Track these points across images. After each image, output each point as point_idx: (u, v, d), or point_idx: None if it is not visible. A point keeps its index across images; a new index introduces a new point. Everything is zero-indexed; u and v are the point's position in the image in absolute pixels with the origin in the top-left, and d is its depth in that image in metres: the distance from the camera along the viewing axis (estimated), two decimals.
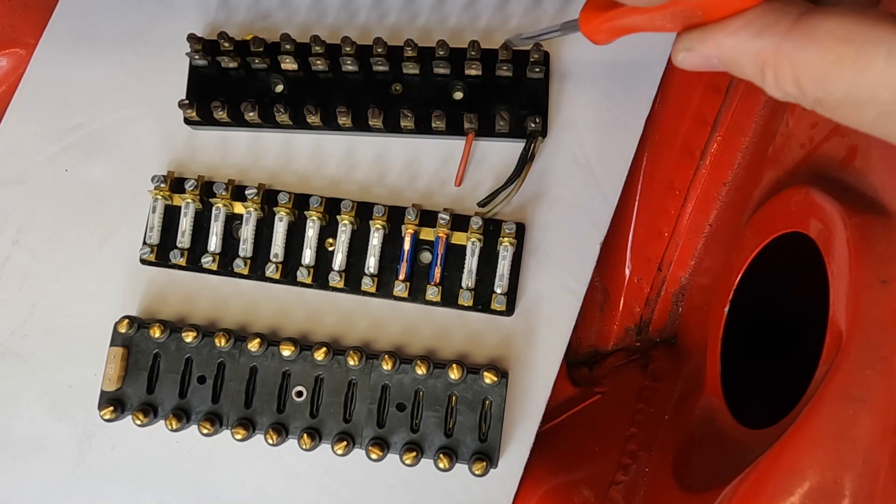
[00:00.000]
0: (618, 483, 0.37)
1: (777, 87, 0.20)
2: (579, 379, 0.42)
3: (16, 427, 0.40)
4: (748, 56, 0.21)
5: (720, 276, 0.37)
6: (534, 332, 0.38)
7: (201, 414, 0.37)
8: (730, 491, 0.27)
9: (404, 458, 0.35)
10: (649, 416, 0.39)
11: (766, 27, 0.20)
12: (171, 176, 0.40)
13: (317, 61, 0.39)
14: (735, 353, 0.36)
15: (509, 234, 0.37)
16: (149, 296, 0.40)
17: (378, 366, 0.36)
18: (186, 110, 0.40)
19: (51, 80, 0.43)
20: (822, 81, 0.19)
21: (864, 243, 0.26)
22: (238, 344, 0.37)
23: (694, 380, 0.38)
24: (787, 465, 0.25)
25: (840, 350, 0.25)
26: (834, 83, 0.19)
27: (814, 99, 0.20)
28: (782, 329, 0.40)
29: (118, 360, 0.37)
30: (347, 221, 0.38)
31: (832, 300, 0.27)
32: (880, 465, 0.23)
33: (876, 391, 0.24)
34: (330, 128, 0.40)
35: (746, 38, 0.20)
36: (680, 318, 0.42)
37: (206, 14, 0.43)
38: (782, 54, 0.20)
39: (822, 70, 0.19)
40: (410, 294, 0.38)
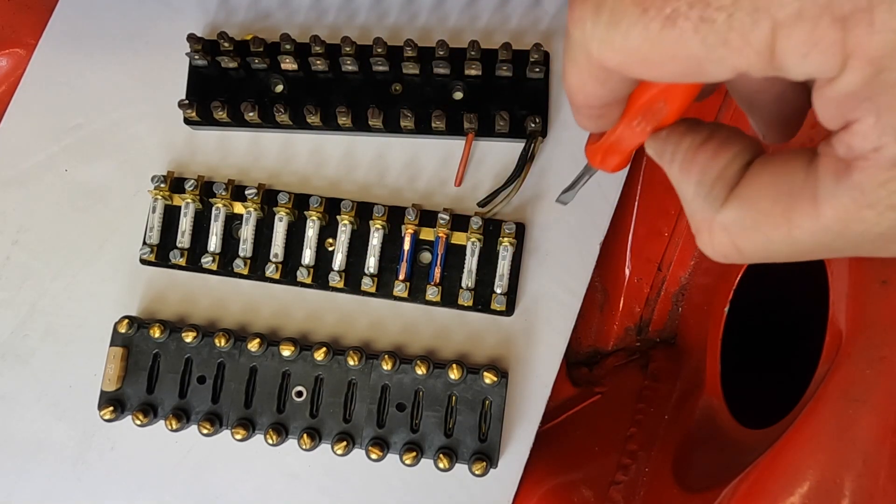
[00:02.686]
0: (618, 483, 0.37)
1: (713, 251, 0.20)
2: (579, 379, 0.42)
3: (16, 427, 0.40)
4: (689, 206, 0.20)
5: (720, 276, 0.37)
6: (534, 332, 0.38)
7: (201, 414, 0.37)
8: (730, 491, 0.27)
9: (404, 458, 0.35)
10: (649, 416, 0.39)
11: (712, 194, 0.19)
12: (171, 176, 0.40)
13: (317, 61, 0.39)
14: (735, 353, 0.36)
15: (509, 234, 0.37)
16: (149, 296, 0.40)
17: (378, 366, 0.36)
18: (186, 110, 0.40)
19: (51, 80, 0.43)
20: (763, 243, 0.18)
21: None
22: (238, 344, 0.37)
23: (694, 380, 0.38)
24: (787, 465, 0.25)
25: (840, 350, 0.25)
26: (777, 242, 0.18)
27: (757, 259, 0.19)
28: (782, 329, 0.40)
29: (118, 360, 0.37)
30: (347, 221, 0.38)
31: (832, 300, 0.27)
32: (880, 465, 0.23)
33: (876, 391, 0.24)
34: (330, 128, 0.40)
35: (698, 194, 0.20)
36: (680, 318, 0.42)
37: (205, 14, 0.43)
38: (716, 224, 0.19)
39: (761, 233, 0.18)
40: (410, 294, 0.38)
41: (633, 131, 0.22)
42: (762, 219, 0.18)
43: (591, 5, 0.17)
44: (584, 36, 0.17)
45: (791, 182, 0.18)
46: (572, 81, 0.19)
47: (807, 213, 0.17)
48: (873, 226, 0.16)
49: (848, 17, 0.14)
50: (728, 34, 0.15)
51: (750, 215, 0.18)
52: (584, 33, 0.17)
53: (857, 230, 0.17)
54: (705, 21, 0.15)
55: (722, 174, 0.19)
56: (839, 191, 0.16)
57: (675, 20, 0.15)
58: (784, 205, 0.17)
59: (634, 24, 0.16)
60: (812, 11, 0.14)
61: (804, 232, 0.17)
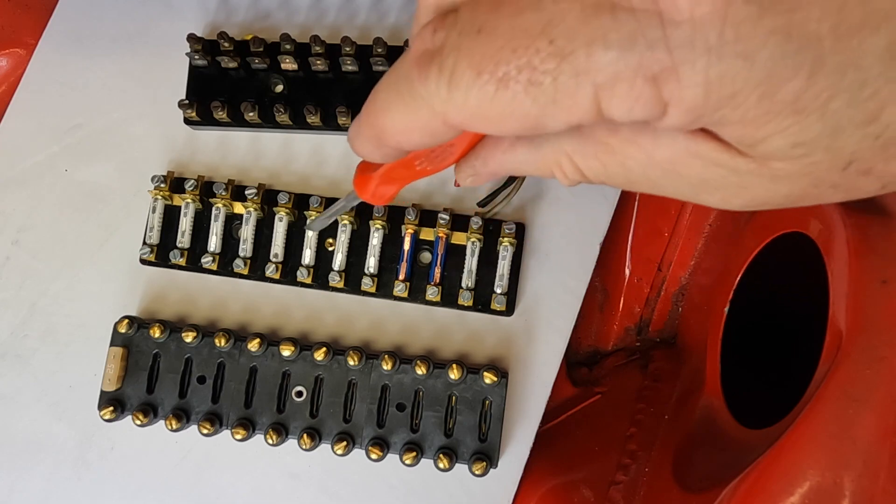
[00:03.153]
0: (618, 483, 0.37)
1: (567, 179, 0.21)
2: (579, 379, 0.42)
3: (16, 427, 0.40)
4: (532, 165, 0.22)
5: (720, 276, 0.37)
6: (534, 332, 0.38)
7: (201, 414, 0.37)
8: (730, 491, 0.27)
9: (404, 458, 0.35)
10: (649, 416, 0.39)
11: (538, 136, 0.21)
12: (170, 176, 0.40)
13: (317, 61, 0.39)
14: (735, 353, 0.36)
15: (509, 234, 0.37)
16: (149, 296, 0.40)
17: (378, 366, 0.36)
18: (186, 110, 0.40)
19: (51, 80, 0.43)
20: (601, 169, 0.20)
21: (864, 243, 0.26)
22: (238, 344, 0.37)
23: (694, 380, 0.38)
24: (787, 465, 0.25)
25: (840, 350, 0.25)
26: (612, 169, 0.20)
27: (600, 182, 0.21)
28: (782, 329, 0.40)
29: (118, 360, 0.37)
30: (347, 221, 0.38)
31: (832, 300, 0.27)
32: (880, 465, 0.23)
33: (876, 391, 0.24)
34: (330, 128, 0.40)
35: (525, 152, 0.22)
36: (680, 318, 0.42)
37: (205, 14, 0.43)
38: (561, 154, 0.21)
39: (598, 160, 0.20)
40: (410, 294, 0.38)
41: (411, 170, 0.23)
42: (599, 147, 0.20)
43: (436, 65, 0.18)
44: (428, 92, 0.18)
45: None
46: (397, 127, 0.20)
47: (642, 146, 0.19)
48: (698, 172, 0.18)
49: (658, 76, 0.15)
50: (556, 95, 0.16)
51: (590, 142, 0.20)
52: (428, 90, 0.18)
53: (683, 171, 0.18)
54: (534, 84, 0.16)
55: None
56: (681, 139, 0.18)
57: (507, 83, 0.16)
58: (620, 137, 0.19)
59: (471, 86, 0.17)
60: (627, 73, 0.15)
61: (637, 163, 0.19)
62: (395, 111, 0.20)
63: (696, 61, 0.15)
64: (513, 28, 0.16)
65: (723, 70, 0.15)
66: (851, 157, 0.16)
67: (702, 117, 0.16)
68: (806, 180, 0.17)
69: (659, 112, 0.16)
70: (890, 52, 0.14)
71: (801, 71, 0.14)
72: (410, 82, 0.18)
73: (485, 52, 0.17)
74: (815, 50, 0.14)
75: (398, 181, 0.24)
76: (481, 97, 0.17)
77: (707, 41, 0.15)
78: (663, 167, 0.19)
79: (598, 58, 0.15)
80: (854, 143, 0.16)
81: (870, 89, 0.15)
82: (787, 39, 0.14)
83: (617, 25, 0.15)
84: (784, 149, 0.16)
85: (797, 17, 0.14)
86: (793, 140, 0.16)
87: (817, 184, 0.17)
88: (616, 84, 0.16)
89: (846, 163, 0.16)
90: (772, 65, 0.14)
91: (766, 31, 0.14)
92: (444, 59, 0.17)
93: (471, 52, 0.17)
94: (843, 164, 0.16)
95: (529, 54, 0.16)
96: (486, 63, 0.17)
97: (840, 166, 0.16)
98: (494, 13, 0.17)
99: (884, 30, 0.14)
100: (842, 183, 0.17)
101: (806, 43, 0.14)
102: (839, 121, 0.15)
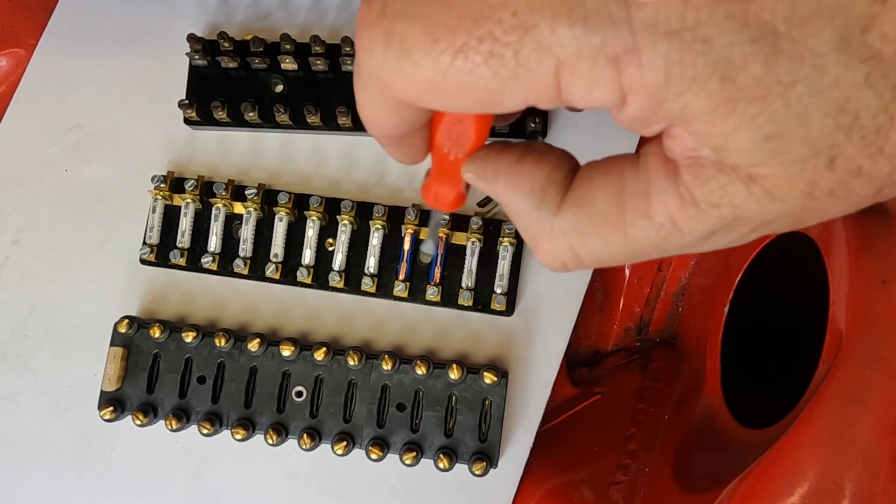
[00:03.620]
0: (618, 483, 0.37)
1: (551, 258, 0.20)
2: (579, 379, 0.42)
3: (16, 427, 0.40)
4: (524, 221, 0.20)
5: (720, 276, 0.37)
6: (534, 332, 0.38)
7: (201, 414, 0.37)
8: (730, 491, 0.27)
9: (404, 458, 0.35)
10: (649, 416, 0.39)
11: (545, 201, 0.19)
12: (170, 176, 0.40)
13: (317, 61, 0.39)
14: (735, 353, 0.36)
15: (509, 234, 0.37)
16: (149, 296, 0.40)
17: (378, 366, 0.36)
18: (186, 110, 0.40)
19: (51, 80, 0.43)
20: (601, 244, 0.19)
21: (864, 243, 0.26)
22: (238, 344, 0.37)
23: (694, 380, 0.38)
24: (787, 465, 0.25)
25: (840, 350, 0.25)
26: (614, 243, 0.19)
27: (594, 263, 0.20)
28: (782, 329, 0.40)
29: (118, 360, 0.37)
30: (347, 221, 0.38)
31: (832, 300, 0.27)
32: (880, 465, 0.23)
33: (876, 391, 0.24)
34: (330, 128, 0.40)
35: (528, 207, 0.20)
36: (680, 318, 0.42)
37: (206, 14, 0.43)
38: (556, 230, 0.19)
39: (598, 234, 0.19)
40: (410, 294, 0.38)
41: (448, 160, 0.22)
42: (599, 220, 0.19)
43: (381, 33, 0.17)
44: (374, 64, 0.17)
45: (622, 182, 0.18)
46: (365, 110, 0.19)
47: (640, 210, 0.18)
48: (699, 223, 0.17)
49: (620, 58, 0.15)
50: (517, 69, 0.16)
51: (587, 218, 0.19)
52: (374, 61, 0.17)
53: (685, 227, 0.18)
54: (495, 55, 0.16)
55: (550, 179, 0.20)
56: (669, 187, 0.17)
57: (467, 53, 0.16)
58: (618, 205, 0.18)
59: (425, 55, 0.16)
60: (589, 52, 0.15)
61: (638, 230, 0.18)
62: (358, 97, 0.19)
63: (657, 44, 0.15)
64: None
65: (683, 54, 0.15)
66: (833, 151, 0.16)
67: (662, 104, 0.16)
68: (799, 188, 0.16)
69: (618, 99, 0.16)
70: (844, 41, 0.14)
71: (758, 57, 0.15)
72: (358, 56, 0.18)
73: (441, 19, 0.16)
74: (770, 37, 0.14)
75: (449, 179, 0.23)
76: (435, 68, 0.16)
77: (669, 24, 0.15)
78: (667, 228, 0.18)
79: (562, 33, 0.15)
80: (830, 135, 0.15)
81: (830, 76, 0.15)
82: (743, 26, 0.14)
83: (583, 2, 0.15)
84: (758, 143, 0.16)
85: (753, 5, 0.14)
86: (762, 132, 0.15)
87: (812, 192, 0.16)
88: (578, 62, 0.15)
89: (829, 158, 0.16)
90: (729, 50, 0.15)
91: (723, 17, 0.14)
92: (391, 27, 0.17)
93: (425, 19, 0.16)
94: (827, 158, 0.16)
95: (491, 25, 0.16)
96: (443, 31, 0.16)
97: (824, 162, 0.16)
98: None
99: (837, 19, 0.14)
100: (837, 188, 0.16)
101: (761, 30, 0.14)
102: (805, 108, 0.15)
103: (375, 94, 0.18)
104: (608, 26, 0.15)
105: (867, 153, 0.16)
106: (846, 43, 0.14)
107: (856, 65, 0.15)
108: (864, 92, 0.15)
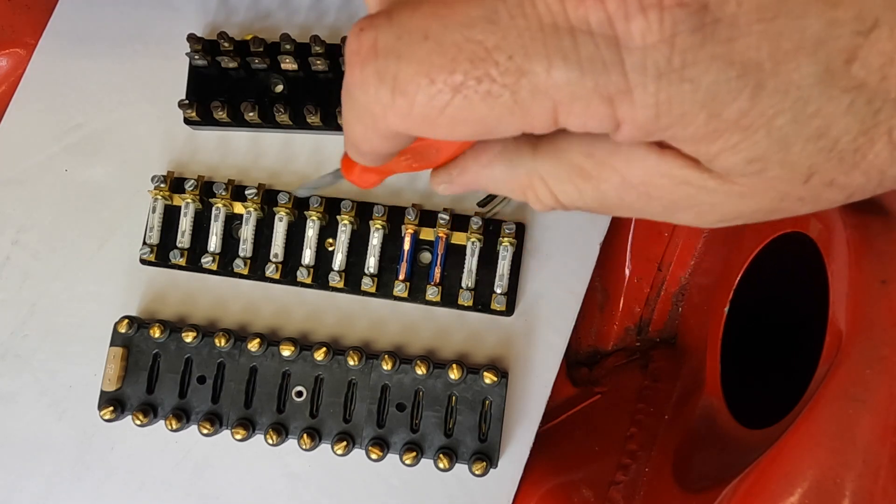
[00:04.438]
0: (618, 483, 0.37)
1: (540, 204, 0.21)
2: (579, 379, 0.42)
3: (16, 427, 0.40)
4: (506, 184, 0.22)
5: (720, 276, 0.37)
6: (534, 332, 0.38)
7: (201, 414, 0.37)
8: (730, 491, 0.27)
9: (404, 458, 0.35)
10: (649, 416, 0.39)
11: (515, 156, 0.21)
12: (170, 176, 0.40)
13: (317, 61, 0.39)
14: (735, 353, 0.36)
15: (509, 234, 0.37)
16: (149, 296, 0.40)
17: (378, 366, 0.36)
18: (186, 110, 0.40)
19: (51, 80, 0.43)
20: (576, 194, 0.20)
21: (864, 243, 0.26)
22: (238, 344, 0.37)
23: (694, 380, 0.38)
24: (787, 465, 0.25)
25: (840, 350, 0.25)
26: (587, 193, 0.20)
27: (575, 208, 0.21)
28: (782, 329, 0.40)
29: (118, 360, 0.37)
30: (347, 221, 0.38)
31: (832, 300, 0.27)
32: (880, 465, 0.23)
33: (876, 391, 0.24)
34: (330, 128, 0.40)
35: (501, 170, 0.21)
36: (680, 318, 0.42)
37: (206, 14, 0.43)
38: (535, 177, 0.21)
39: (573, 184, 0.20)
40: (410, 294, 0.38)
41: (399, 164, 0.23)
42: (574, 170, 0.20)
43: (373, 71, 0.17)
44: (367, 99, 0.18)
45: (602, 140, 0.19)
46: (356, 135, 0.20)
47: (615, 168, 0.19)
48: (668, 193, 0.19)
49: (613, 97, 0.16)
50: (513, 107, 0.16)
51: (563, 166, 0.20)
52: (367, 96, 0.18)
53: (654, 194, 0.19)
54: (492, 95, 0.16)
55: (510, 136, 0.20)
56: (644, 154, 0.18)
57: (465, 92, 0.16)
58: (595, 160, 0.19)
59: (422, 93, 0.17)
60: (583, 93, 0.16)
61: (611, 186, 0.19)
62: (349, 123, 0.19)
63: (647, 85, 0.15)
64: (466, 38, 0.16)
65: (671, 93, 0.16)
66: (810, 171, 0.17)
67: (653, 133, 0.17)
68: (771, 194, 0.17)
69: (612, 127, 0.17)
70: (828, 73, 0.15)
71: (743, 92, 0.15)
72: (350, 88, 0.18)
73: (436, 60, 0.16)
74: (755, 74, 0.15)
75: (384, 170, 0.24)
76: (433, 104, 0.17)
77: (658, 67, 0.15)
78: (637, 189, 0.19)
79: (558, 78, 0.16)
80: (809, 158, 0.16)
81: (813, 107, 0.15)
82: (728, 65, 0.15)
83: (577, 47, 0.16)
84: (740, 165, 0.17)
85: (737, 45, 0.15)
86: (745, 156, 0.16)
87: (783, 198, 0.18)
88: (573, 102, 0.16)
89: (806, 176, 0.17)
90: (716, 88, 0.15)
91: (708, 58, 0.15)
92: (384, 66, 0.17)
93: (420, 58, 0.16)
94: (803, 177, 0.17)
95: (487, 66, 0.16)
96: (439, 71, 0.16)
97: (800, 180, 0.17)
98: (440, 21, 0.16)
99: (820, 54, 0.15)
100: (807, 195, 0.17)
101: (746, 68, 0.15)
102: (786, 136, 0.16)
103: (369, 126, 0.19)
104: (601, 70, 0.16)
105: (842, 170, 0.17)
106: (830, 75, 0.15)
107: (838, 95, 0.15)
108: (845, 119, 0.16)
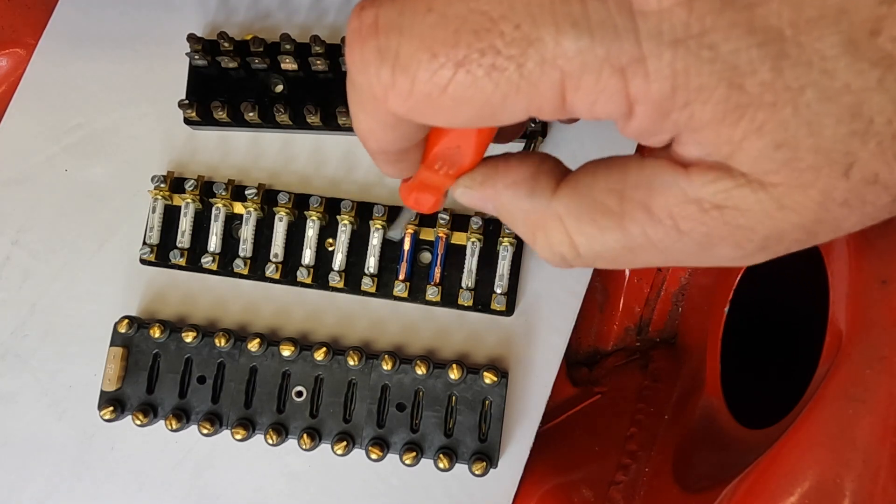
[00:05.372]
0: (618, 483, 0.37)
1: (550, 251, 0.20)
2: (579, 379, 0.42)
3: (16, 427, 0.40)
4: (521, 216, 0.20)
5: (720, 276, 0.37)
6: (534, 332, 0.38)
7: (201, 414, 0.37)
8: (730, 491, 0.27)
9: (404, 458, 0.35)
10: (649, 416, 0.39)
11: (538, 189, 0.19)
12: (170, 176, 0.40)
13: (317, 61, 0.39)
14: (735, 353, 0.36)
15: (509, 234, 0.37)
16: (149, 296, 0.40)
17: (378, 366, 0.36)
18: (186, 110, 0.40)
19: (51, 81, 0.43)
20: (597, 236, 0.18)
21: (864, 243, 0.26)
22: (238, 344, 0.37)
23: (694, 380, 0.38)
24: (787, 465, 0.25)
25: (840, 350, 0.25)
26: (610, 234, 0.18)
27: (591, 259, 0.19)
28: (782, 329, 0.40)
29: (118, 360, 0.37)
30: (347, 221, 0.38)
31: (832, 300, 0.27)
32: (880, 465, 0.23)
33: (876, 391, 0.24)
34: (330, 128, 0.40)
35: (522, 196, 0.20)
36: (680, 318, 0.42)
37: (206, 14, 0.43)
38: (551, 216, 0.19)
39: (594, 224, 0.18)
40: (410, 294, 0.38)
41: (437, 175, 0.22)
42: (597, 207, 0.18)
43: (373, 50, 0.16)
44: (368, 81, 0.17)
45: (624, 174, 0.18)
46: (361, 126, 0.19)
47: (640, 202, 0.17)
48: (698, 224, 0.17)
49: (626, 69, 0.15)
50: (520, 82, 0.15)
51: (585, 203, 0.18)
52: (368, 78, 0.17)
53: (684, 226, 0.17)
54: (497, 69, 0.15)
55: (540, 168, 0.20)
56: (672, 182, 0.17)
57: (468, 66, 0.15)
58: (618, 195, 0.18)
59: (424, 69, 0.16)
60: (594, 63, 0.15)
61: (636, 223, 0.18)
62: (353, 114, 0.19)
63: (662, 53, 0.15)
64: (471, 9, 0.15)
65: (689, 62, 0.15)
66: (847, 159, 0.15)
67: (670, 113, 0.15)
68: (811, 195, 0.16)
69: (624, 110, 0.16)
70: (853, 44, 0.14)
71: (765, 62, 0.14)
72: (351, 73, 0.17)
73: (438, 33, 0.15)
74: (777, 42, 0.14)
75: (432, 188, 0.23)
76: (433, 82, 0.16)
77: (674, 33, 0.14)
78: (665, 224, 0.17)
79: (567, 45, 0.15)
80: (843, 142, 0.15)
81: (840, 81, 0.14)
82: (749, 31, 0.14)
83: (587, 13, 0.15)
84: (768, 151, 0.15)
85: (758, 11, 0.14)
86: (771, 140, 0.15)
87: (825, 200, 0.16)
88: (583, 74, 0.15)
89: (844, 166, 0.15)
90: (735, 56, 0.14)
91: (728, 24, 0.14)
92: (385, 41, 0.16)
93: (422, 32, 0.16)
94: (842, 167, 0.15)
95: (493, 37, 0.15)
96: (441, 45, 0.15)
97: (839, 171, 0.15)
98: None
99: (843, 23, 0.14)
100: (851, 197, 0.16)
101: (767, 36, 0.14)
102: (815, 114, 0.15)
103: (371, 112, 0.18)
104: (613, 37, 0.15)
105: (884, 160, 0.15)
106: (854, 46, 0.14)
107: (867, 69, 0.14)
108: (877, 96, 0.14)
